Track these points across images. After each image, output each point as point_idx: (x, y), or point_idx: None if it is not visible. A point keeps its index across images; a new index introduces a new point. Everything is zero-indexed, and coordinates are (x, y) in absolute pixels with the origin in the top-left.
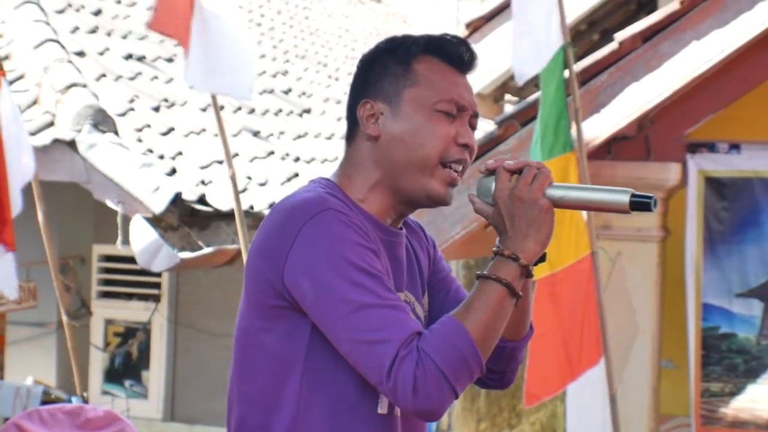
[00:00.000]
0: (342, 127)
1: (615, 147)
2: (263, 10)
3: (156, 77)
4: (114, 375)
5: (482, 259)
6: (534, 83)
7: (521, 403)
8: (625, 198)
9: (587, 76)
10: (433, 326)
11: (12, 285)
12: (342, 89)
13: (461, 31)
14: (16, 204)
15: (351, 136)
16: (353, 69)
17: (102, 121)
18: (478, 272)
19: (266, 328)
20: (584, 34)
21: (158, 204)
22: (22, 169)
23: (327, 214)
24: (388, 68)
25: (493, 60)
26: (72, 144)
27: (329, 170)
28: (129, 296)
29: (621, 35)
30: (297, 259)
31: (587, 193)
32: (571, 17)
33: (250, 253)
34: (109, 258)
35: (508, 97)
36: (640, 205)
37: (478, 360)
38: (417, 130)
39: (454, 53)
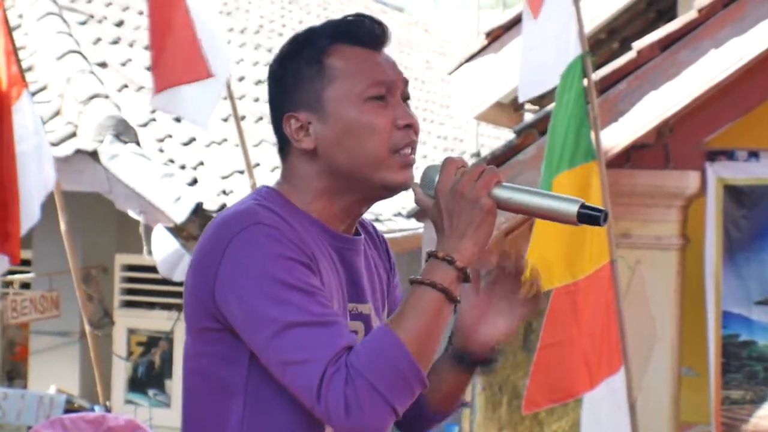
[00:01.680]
0: None
1: (634, 155)
2: (285, 20)
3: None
4: (137, 384)
5: None
6: (554, 93)
7: (543, 411)
8: (573, 208)
9: (606, 84)
10: (364, 338)
11: None
12: None
13: (481, 41)
14: (33, 214)
15: (284, 150)
16: None
17: (124, 132)
18: (412, 276)
19: (205, 352)
20: (604, 43)
21: (179, 214)
22: (43, 180)
23: (255, 229)
24: (300, 73)
25: (513, 69)
26: (94, 154)
27: None
28: (151, 305)
29: (639, 44)
30: (224, 278)
31: (535, 198)
32: (591, 26)
33: (187, 273)
34: (131, 267)
35: (528, 105)
36: (588, 218)
37: (416, 372)
38: (352, 129)
39: (362, 33)
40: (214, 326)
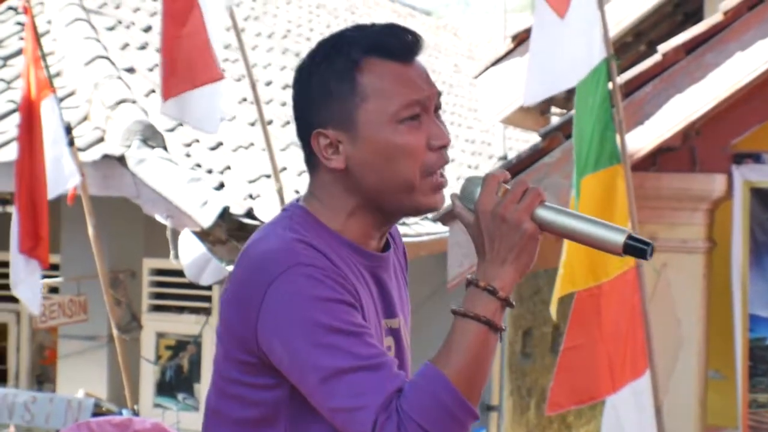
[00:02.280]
0: None
1: (660, 158)
2: (312, 24)
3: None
4: (166, 388)
5: (542, 271)
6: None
7: (571, 415)
8: (620, 239)
9: (631, 88)
10: (412, 379)
11: (36, 301)
12: None
13: (507, 44)
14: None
15: (312, 164)
16: None
17: (151, 137)
18: (453, 307)
19: (242, 381)
20: (630, 46)
21: (206, 218)
22: (62, 185)
23: (295, 270)
24: (331, 89)
25: None
26: (121, 159)
27: None
28: (180, 309)
29: (664, 47)
30: (267, 322)
31: (581, 223)
32: (617, 29)
33: (222, 299)
34: (159, 272)
35: (554, 109)
36: (634, 250)
37: (466, 409)
38: (386, 151)
39: (396, 46)
40: (254, 361)
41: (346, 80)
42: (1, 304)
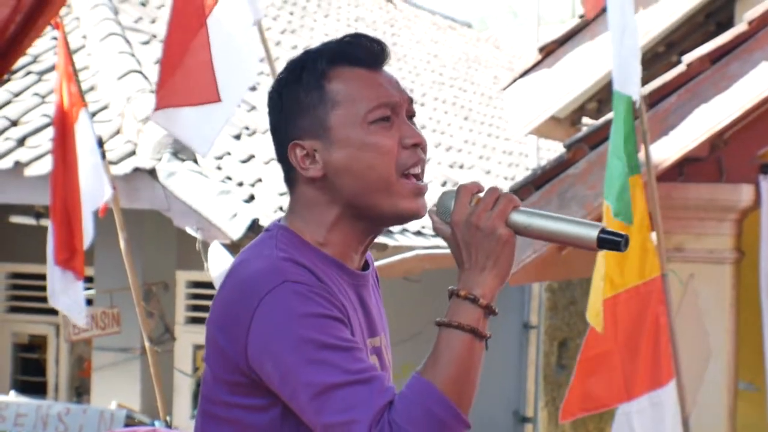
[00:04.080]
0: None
1: (687, 168)
2: None
3: (238, 105)
4: None
5: (565, 281)
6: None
7: (609, 426)
8: (593, 234)
9: (656, 98)
10: (402, 392)
11: (80, 312)
12: (428, 115)
13: (535, 56)
14: (89, 231)
15: (291, 180)
16: (440, 94)
17: (181, 150)
18: (438, 319)
19: (232, 403)
20: (662, 56)
21: (236, 230)
22: (98, 199)
23: (283, 288)
24: (301, 100)
25: (568, 83)
26: (152, 172)
27: None
28: None
29: (689, 57)
30: (257, 342)
31: (555, 223)
32: (645, 39)
33: (209, 322)
34: (196, 284)
35: (585, 119)
36: (609, 243)
37: (457, 417)
38: (359, 153)
39: (362, 54)
40: (244, 381)
41: (315, 90)
42: (41, 317)
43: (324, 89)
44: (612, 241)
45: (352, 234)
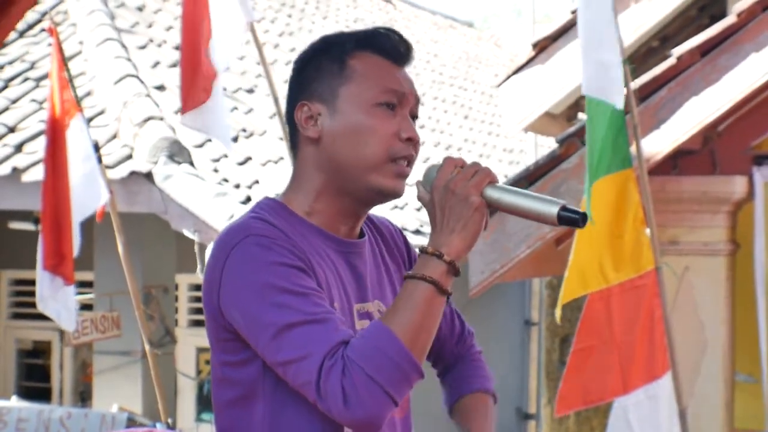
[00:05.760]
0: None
1: (681, 161)
2: None
3: (236, 108)
4: (209, 403)
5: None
6: None
7: None
8: (553, 210)
9: (646, 92)
10: (360, 332)
11: (69, 317)
12: (427, 114)
13: (528, 52)
14: (76, 240)
15: (294, 144)
16: (440, 93)
17: (177, 153)
18: (406, 272)
19: (225, 361)
20: (657, 51)
21: None
22: (92, 205)
23: (247, 241)
24: (322, 67)
25: (562, 79)
26: (149, 176)
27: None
28: None
29: (679, 50)
30: (226, 293)
31: (521, 199)
32: (638, 33)
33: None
34: (197, 287)
35: (581, 115)
36: (568, 219)
37: (410, 361)
38: (358, 128)
39: (388, 46)
40: (228, 336)
41: (336, 62)
42: (44, 323)
43: (344, 63)
44: (571, 219)
45: (335, 206)
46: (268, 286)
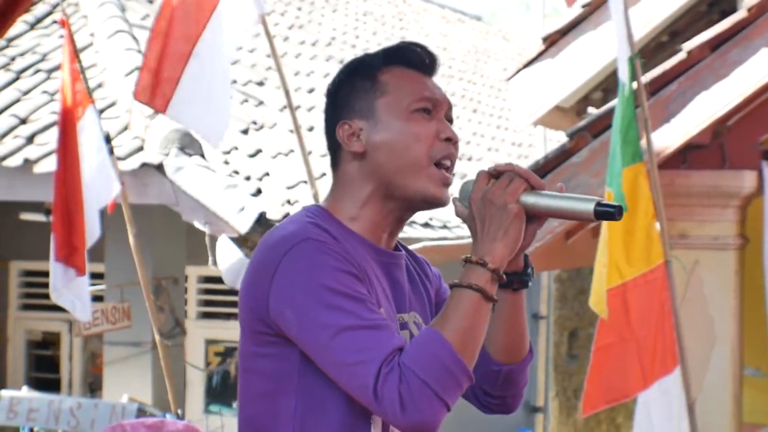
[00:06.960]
0: None
1: (690, 156)
2: (358, 31)
3: (246, 100)
4: (217, 394)
5: (575, 271)
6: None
7: (620, 416)
8: (590, 207)
9: (656, 86)
10: (413, 339)
11: (84, 308)
12: None
13: (538, 46)
14: (95, 230)
15: (336, 161)
16: (449, 87)
17: (188, 145)
18: (451, 282)
19: (259, 353)
20: (666, 45)
21: (243, 224)
22: (104, 197)
23: (305, 244)
24: (355, 86)
25: (572, 73)
26: (160, 167)
27: None
28: (228, 316)
29: (689, 45)
30: (279, 291)
31: (557, 200)
32: (649, 28)
33: (241, 287)
34: (207, 279)
35: (591, 109)
36: (604, 214)
37: (461, 367)
38: (399, 135)
39: (414, 58)
40: (266, 330)
41: (368, 79)
42: (54, 314)
43: (376, 79)
44: (607, 213)
45: (381, 213)
46: (324, 288)
